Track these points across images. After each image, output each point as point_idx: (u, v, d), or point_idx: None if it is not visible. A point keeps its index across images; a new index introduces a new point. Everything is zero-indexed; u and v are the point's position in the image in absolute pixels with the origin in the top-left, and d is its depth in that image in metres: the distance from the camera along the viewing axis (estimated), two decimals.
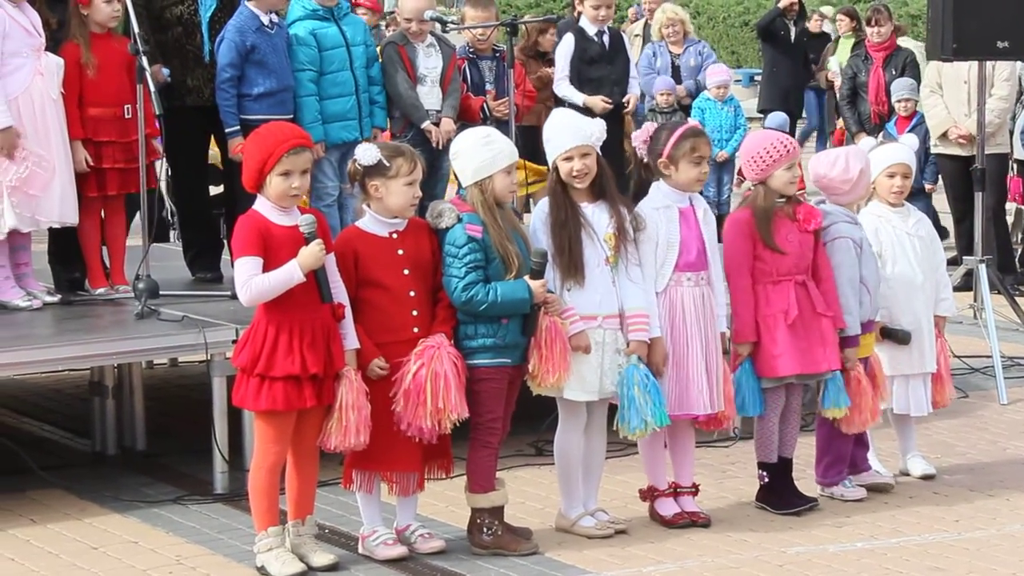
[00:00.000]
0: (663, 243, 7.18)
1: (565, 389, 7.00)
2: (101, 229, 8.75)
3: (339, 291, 6.71)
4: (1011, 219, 14.02)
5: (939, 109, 12.94)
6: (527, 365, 6.93)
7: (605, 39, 11.08)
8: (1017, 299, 11.43)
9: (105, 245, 8.85)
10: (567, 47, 11.09)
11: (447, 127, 9.16)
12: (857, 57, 14.54)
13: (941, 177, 13.39)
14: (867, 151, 7.96)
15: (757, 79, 22.78)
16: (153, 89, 8.24)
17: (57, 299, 8.55)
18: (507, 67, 9.72)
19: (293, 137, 6.67)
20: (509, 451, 8.00)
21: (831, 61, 18.20)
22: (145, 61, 8.26)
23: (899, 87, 13.56)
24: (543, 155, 7.23)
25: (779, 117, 15.40)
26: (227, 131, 8.71)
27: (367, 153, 6.80)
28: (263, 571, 6.72)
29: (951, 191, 13.16)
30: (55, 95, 8.32)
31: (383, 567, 6.84)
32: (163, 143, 9.10)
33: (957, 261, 12.24)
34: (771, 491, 7.59)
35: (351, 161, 6.89)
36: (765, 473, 7.60)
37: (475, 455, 6.97)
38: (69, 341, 7.82)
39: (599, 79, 10.94)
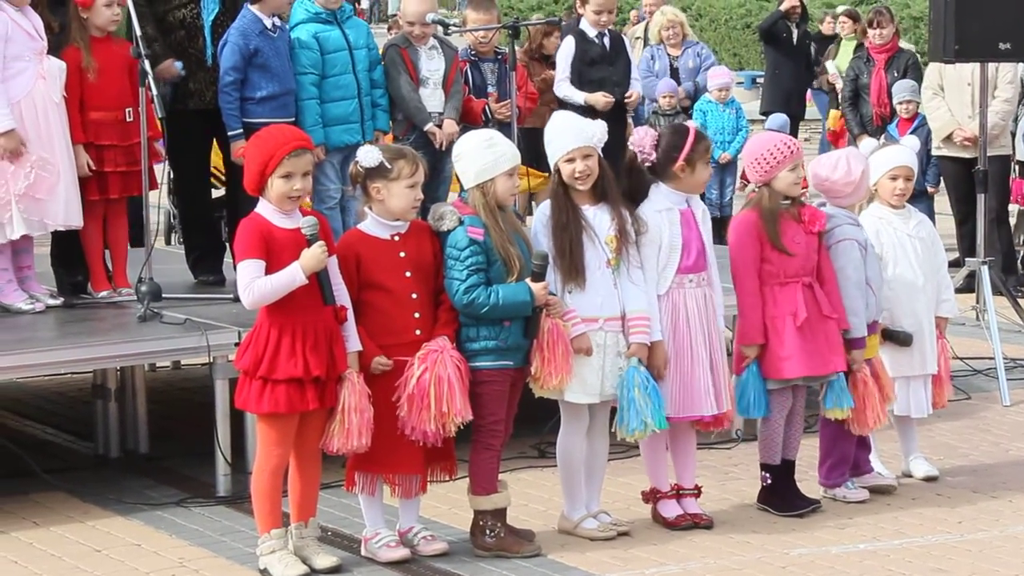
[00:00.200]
0: (666, 245, 7.17)
1: (567, 391, 7.00)
2: (103, 232, 8.76)
3: (341, 293, 6.71)
4: (1014, 221, 14.01)
5: (942, 111, 12.93)
6: (529, 367, 6.94)
7: (606, 41, 11.07)
8: (1020, 301, 11.43)
9: (107, 248, 8.85)
10: (568, 49, 11.09)
11: (450, 129, 9.15)
12: (859, 59, 14.53)
13: (943, 179, 13.38)
14: (868, 153, 7.96)
15: (759, 81, 22.75)
16: (155, 92, 8.24)
17: (60, 302, 8.54)
18: (509, 69, 9.72)
19: (294, 139, 6.68)
20: (512, 453, 7.99)
21: (828, 64, 18.19)
22: (148, 65, 8.25)
23: (901, 89, 13.54)
24: (545, 158, 7.22)
25: (779, 118, 15.38)
26: (230, 134, 8.71)
27: (369, 155, 6.80)
28: (266, 573, 6.72)
29: (953, 193, 13.15)
30: (57, 99, 8.31)
31: (386, 569, 6.84)
32: (165, 146, 9.12)
33: (959, 263, 12.25)
34: (774, 493, 7.59)
35: (353, 163, 6.90)
36: (768, 475, 7.60)
37: (477, 457, 6.97)
38: (72, 344, 7.83)
39: (600, 80, 10.93)
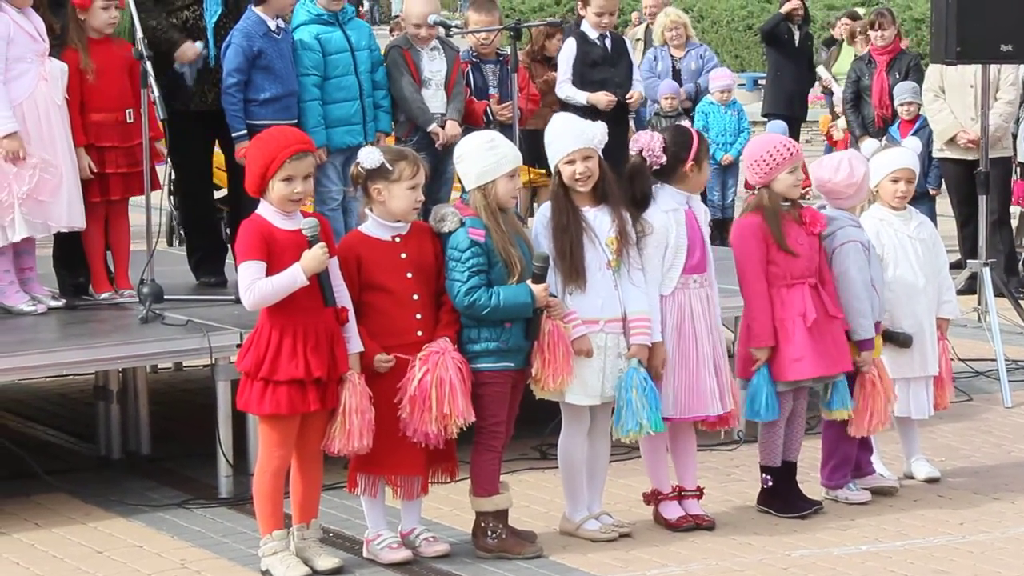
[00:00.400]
0: (672, 246, 7.17)
1: (568, 393, 7.00)
2: (105, 234, 8.76)
3: (342, 295, 6.71)
4: (1015, 222, 14.01)
5: (945, 114, 12.92)
6: (530, 369, 6.94)
7: (607, 42, 11.07)
8: (1021, 302, 11.42)
9: (109, 250, 8.85)
10: (569, 51, 11.08)
11: (452, 131, 9.15)
12: (861, 61, 14.52)
13: (944, 181, 13.38)
14: (869, 155, 7.96)
15: (761, 83, 22.75)
16: (157, 94, 8.23)
17: (62, 303, 8.55)
18: (511, 71, 9.73)
19: (296, 142, 6.67)
20: (513, 455, 8.00)
21: (820, 70, 18.20)
22: (150, 66, 8.25)
23: (902, 91, 13.54)
24: (547, 159, 7.22)
25: (778, 126, 15.37)
26: (234, 135, 8.70)
27: (370, 157, 6.80)
28: (268, 575, 6.72)
29: (955, 195, 13.14)
30: (59, 100, 8.31)
31: (388, 571, 6.85)
32: (168, 147, 9.12)
33: (961, 265, 12.24)
34: (775, 495, 7.58)
35: (354, 165, 6.90)
36: (769, 477, 7.59)
37: (479, 459, 6.98)
38: (74, 345, 7.83)
39: (602, 82, 10.92)
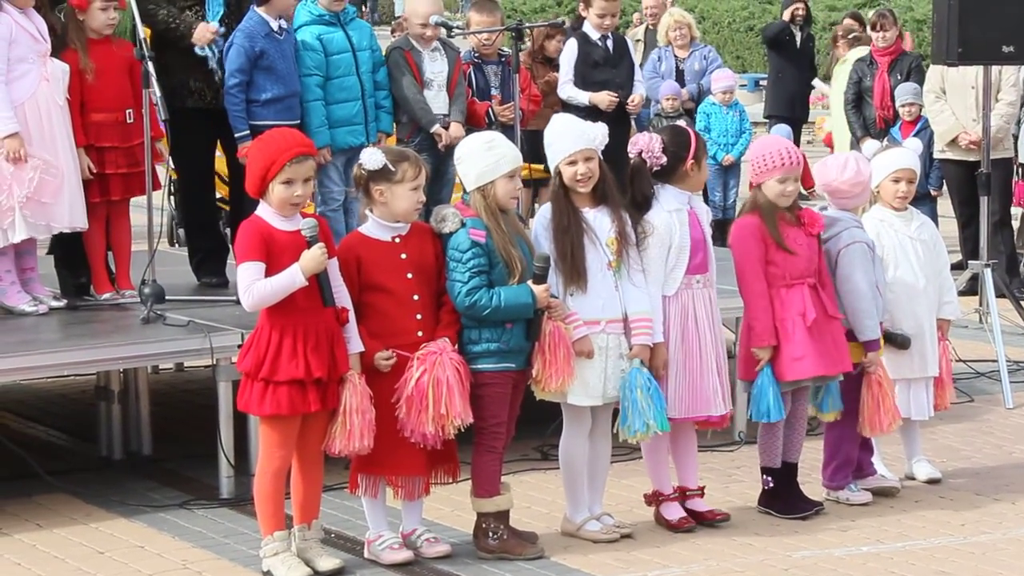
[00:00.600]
0: (676, 246, 7.17)
1: (569, 394, 7.00)
2: (106, 234, 8.76)
3: (342, 295, 6.71)
4: (1017, 224, 14.01)
5: (946, 115, 12.91)
6: (531, 370, 6.94)
7: (609, 43, 11.06)
8: (1022, 303, 11.42)
9: (111, 250, 8.85)
10: (571, 51, 11.08)
11: (456, 132, 9.14)
12: (862, 62, 14.52)
13: (946, 182, 13.37)
14: (870, 155, 7.96)
15: (762, 84, 22.74)
16: (158, 94, 8.23)
17: (63, 304, 8.55)
18: (512, 72, 9.73)
19: (296, 145, 6.66)
20: (515, 455, 8.01)
21: (816, 83, 18.22)
22: (151, 67, 8.25)
23: (904, 92, 13.52)
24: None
25: (783, 130, 15.30)
26: (236, 136, 8.70)
27: (372, 158, 6.80)
28: (269, 575, 6.73)
29: (956, 196, 13.14)
30: (61, 101, 8.30)
31: (389, 571, 6.85)
32: (170, 148, 9.11)
33: (962, 266, 12.24)
34: (775, 496, 7.58)
35: (356, 166, 6.89)
36: (769, 478, 7.59)
37: (480, 460, 6.98)
38: (75, 346, 7.83)
39: (603, 83, 10.91)
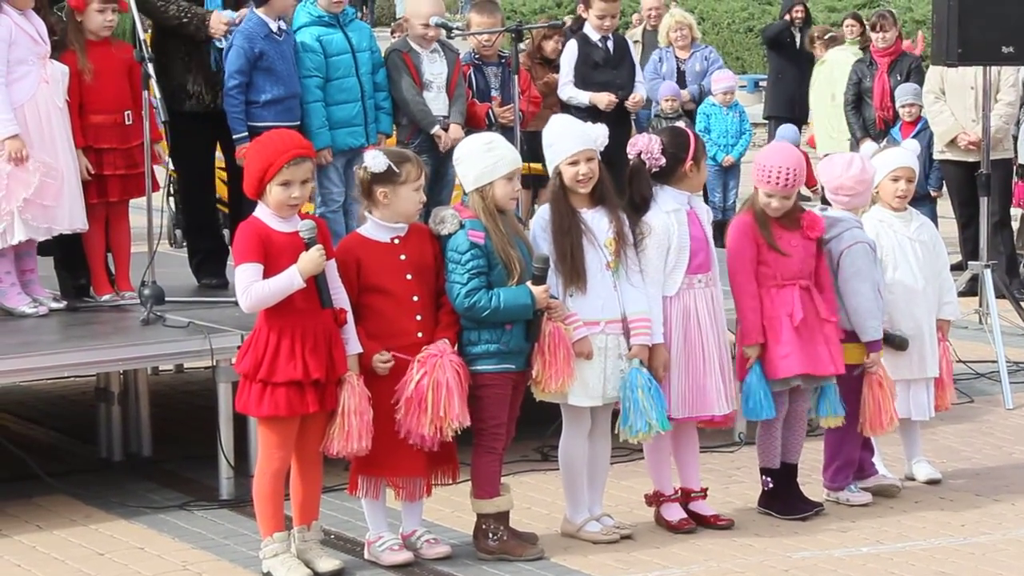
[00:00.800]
0: (675, 247, 7.17)
1: (569, 395, 7.00)
2: (106, 235, 8.76)
3: (341, 297, 6.70)
4: (1016, 224, 14.01)
5: (945, 116, 12.91)
6: (530, 371, 6.94)
7: (609, 44, 11.07)
8: (1022, 304, 11.42)
9: (110, 251, 8.85)
10: (571, 53, 11.08)
11: (455, 134, 9.13)
12: (862, 63, 14.52)
13: (945, 183, 13.37)
14: (869, 156, 7.95)
15: (762, 85, 22.73)
16: (158, 96, 8.23)
17: (63, 305, 8.55)
18: (512, 73, 9.72)
19: (294, 147, 6.65)
20: (515, 456, 8.01)
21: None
22: (151, 68, 8.25)
23: (904, 92, 13.52)
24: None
25: (790, 130, 15.23)
26: (235, 138, 8.69)
27: (376, 160, 6.79)
28: None
29: (956, 197, 13.14)
30: (61, 103, 8.30)
31: (389, 572, 6.85)
32: (169, 149, 9.11)
33: (962, 266, 12.24)
34: (775, 497, 7.58)
35: (362, 168, 6.85)
36: (769, 479, 7.59)
37: (480, 461, 6.97)
38: (75, 347, 7.83)
39: (604, 84, 10.91)
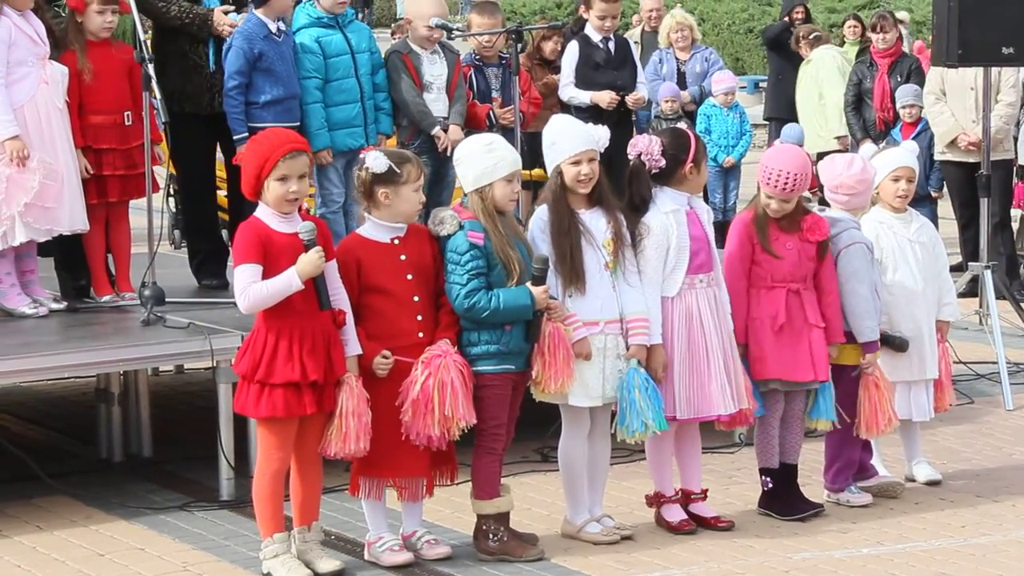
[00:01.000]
0: (674, 247, 7.17)
1: (569, 395, 7.00)
2: (106, 236, 8.75)
3: (340, 298, 6.70)
4: (1017, 225, 14.01)
5: (946, 116, 12.91)
6: (530, 371, 6.94)
7: (611, 45, 11.06)
8: (1022, 305, 11.42)
9: (110, 252, 8.85)
10: (572, 54, 11.07)
11: (455, 135, 9.13)
12: (862, 63, 14.51)
13: (946, 184, 13.37)
14: (869, 157, 7.95)
15: (762, 86, 22.73)
16: (159, 97, 8.23)
17: (63, 306, 8.55)
18: (512, 74, 9.72)
19: (289, 142, 6.67)
20: (515, 457, 8.01)
21: None
22: (151, 69, 8.26)
23: (904, 93, 13.52)
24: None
25: (795, 130, 15.21)
26: (235, 138, 8.68)
27: (377, 161, 6.79)
28: None
29: (956, 198, 13.15)
30: (60, 103, 8.30)
31: (389, 573, 6.85)
32: (170, 151, 9.10)
33: (962, 267, 12.24)
34: (775, 497, 7.58)
35: (364, 169, 6.83)
36: (769, 479, 7.59)
37: (480, 462, 6.97)
38: (75, 348, 7.82)
39: (606, 85, 10.89)
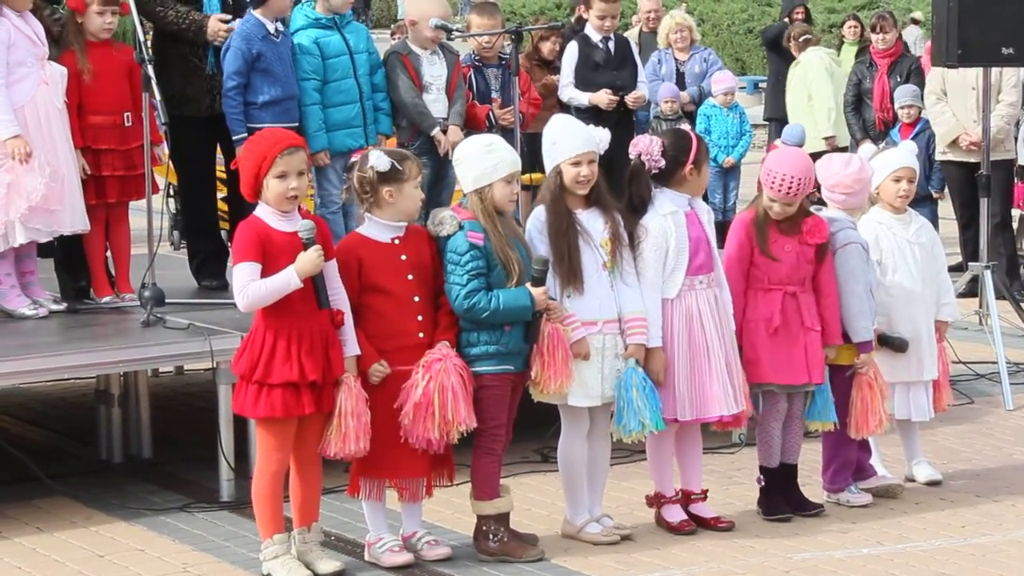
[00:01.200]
0: (673, 249, 7.17)
1: (569, 396, 7.00)
2: (105, 237, 8.75)
3: (339, 298, 6.70)
4: (1017, 225, 14.01)
5: (947, 116, 12.91)
6: (529, 372, 6.94)
7: (611, 45, 11.06)
8: (1022, 305, 11.42)
9: (110, 253, 8.85)
10: (571, 54, 11.06)
11: (454, 136, 9.13)
12: (862, 64, 14.51)
13: (947, 184, 13.38)
14: (868, 157, 7.95)
15: (762, 86, 22.73)
16: (158, 98, 8.23)
17: (63, 307, 8.55)
18: (512, 75, 9.72)
19: (285, 139, 6.68)
20: (515, 458, 8.01)
21: None
22: (151, 70, 8.25)
23: (902, 94, 13.52)
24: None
25: (796, 130, 15.18)
26: (234, 139, 8.68)
27: (380, 160, 6.79)
28: None
29: (957, 198, 13.15)
30: (60, 104, 8.31)
31: (389, 574, 6.85)
32: (170, 152, 9.10)
33: (962, 267, 12.23)
34: (764, 495, 7.58)
35: (368, 169, 6.81)
36: (762, 476, 7.59)
37: (479, 462, 6.97)
38: (75, 349, 7.83)
39: (606, 85, 10.89)
